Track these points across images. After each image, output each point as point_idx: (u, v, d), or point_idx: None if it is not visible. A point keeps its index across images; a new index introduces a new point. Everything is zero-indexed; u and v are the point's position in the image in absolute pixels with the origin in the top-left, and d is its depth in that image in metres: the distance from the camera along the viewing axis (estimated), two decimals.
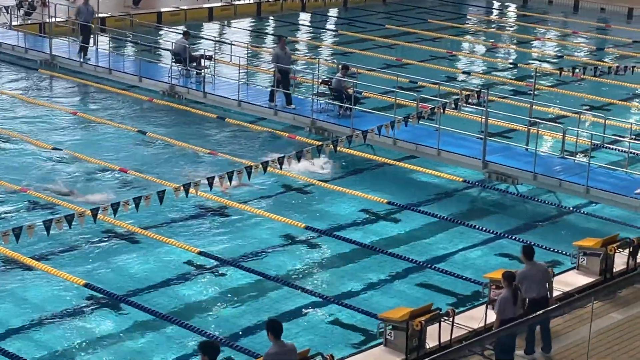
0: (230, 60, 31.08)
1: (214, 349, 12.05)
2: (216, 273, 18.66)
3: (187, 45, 29.55)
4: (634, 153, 23.94)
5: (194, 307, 17.34)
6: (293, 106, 26.96)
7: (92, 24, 32.21)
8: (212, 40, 34.15)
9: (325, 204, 22.21)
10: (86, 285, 17.77)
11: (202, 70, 29.64)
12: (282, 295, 17.78)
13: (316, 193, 22.77)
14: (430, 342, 14.90)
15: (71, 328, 16.50)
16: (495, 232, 20.69)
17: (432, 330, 14.98)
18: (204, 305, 17.45)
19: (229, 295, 17.81)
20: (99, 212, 17.47)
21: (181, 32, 31.72)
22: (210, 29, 40.76)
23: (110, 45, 32.13)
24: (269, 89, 27.58)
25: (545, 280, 15.20)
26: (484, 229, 20.83)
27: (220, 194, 21.63)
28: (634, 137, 25.42)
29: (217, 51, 31.26)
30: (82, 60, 31.84)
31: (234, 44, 31.83)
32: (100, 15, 35.56)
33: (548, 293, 15.12)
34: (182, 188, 18.46)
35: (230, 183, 19.32)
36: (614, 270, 17.68)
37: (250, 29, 41.93)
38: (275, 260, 19.28)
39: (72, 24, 34.72)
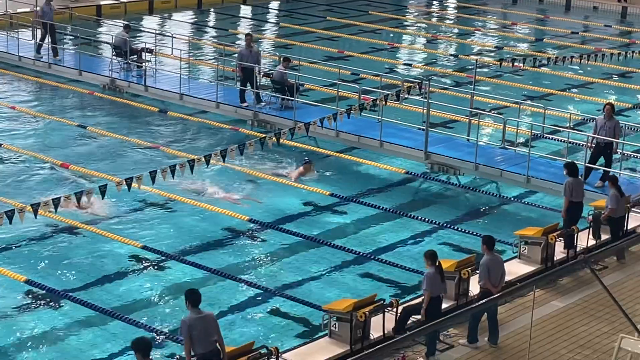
0: (172, 53, 30.91)
1: (145, 345, 12.20)
2: (160, 267, 18.57)
3: (127, 39, 29.34)
4: (573, 143, 24.23)
5: (138, 301, 17.25)
6: (263, 103, 26.55)
7: (52, 22, 31.53)
8: (153, 33, 33.94)
9: (268, 196, 22.18)
10: (27, 282, 17.60)
11: (143, 64, 29.46)
12: (227, 289, 17.75)
13: (259, 185, 22.75)
14: (375, 333, 14.97)
15: (12, 325, 16.32)
16: (437, 222, 20.84)
17: (376, 321, 15.06)
18: (148, 299, 17.37)
19: (173, 289, 17.72)
20: (40, 207, 17.28)
21: (121, 25, 31.46)
22: (150, 22, 40.47)
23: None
24: (239, 89, 26.84)
25: (503, 272, 15.49)
26: (427, 219, 20.97)
27: (163, 187, 21.44)
28: (573, 126, 25.75)
29: (158, 44, 31.09)
30: (50, 60, 31.06)
31: (175, 37, 31.65)
32: (38, 8, 35.07)
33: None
34: (124, 182, 18.32)
35: (174, 177, 19.18)
36: (555, 258, 17.90)
37: (191, 21, 41.73)
38: (219, 253, 19.24)
39: (10, 17, 34.30)
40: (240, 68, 26.42)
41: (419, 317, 15.01)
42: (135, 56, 29.74)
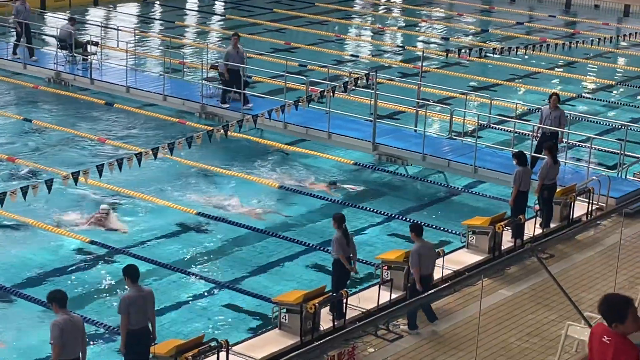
0: (117, 46, 30.70)
1: (60, 295, 12.56)
2: (108, 261, 18.45)
3: (72, 31, 29.08)
4: (519, 132, 24.44)
5: (86, 296, 17.12)
6: (250, 105, 25.55)
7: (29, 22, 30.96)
8: (98, 25, 33.68)
9: (217, 188, 22.14)
10: None
11: (89, 57, 29.21)
12: (176, 282, 17.69)
13: (206, 178, 22.68)
14: (325, 324, 15.02)
15: None
16: (386, 213, 20.92)
17: (326, 312, 15.10)
18: (97, 294, 17.25)
19: (122, 283, 17.56)
20: None
21: (66, 17, 31.15)
22: (95, 15, 40.13)
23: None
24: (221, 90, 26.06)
25: (434, 258, 15.72)
26: (375, 210, 21.03)
27: (111, 181, 21.29)
28: (519, 116, 25.97)
29: (103, 37, 30.85)
30: (24, 60, 30.24)
31: (120, 30, 31.43)
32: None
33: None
34: (70, 176, 18.18)
35: (121, 170, 19.03)
36: (502, 247, 18.06)
37: (136, 14, 41.45)
38: (168, 247, 19.16)
39: None
40: (226, 69, 25.74)
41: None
42: (81, 49, 29.49)
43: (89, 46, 29.57)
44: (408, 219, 20.51)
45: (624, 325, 8.17)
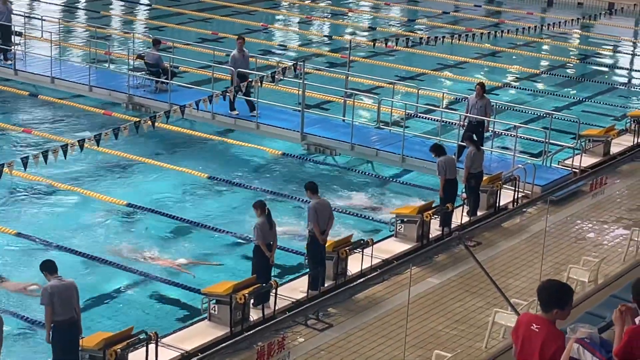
0: (42, 36, 30.27)
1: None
2: (35, 255, 18.20)
3: None
4: (446, 122, 24.65)
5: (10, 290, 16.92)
6: (256, 112, 24.37)
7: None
8: (22, 15, 33.18)
9: (145, 180, 21.99)
10: None
11: (12, 47, 28.75)
12: (104, 274, 17.54)
13: (136, 169, 22.53)
14: (254, 315, 15.02)
15: None
16: None
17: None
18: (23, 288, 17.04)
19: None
20: None
21: None
22: (19, 4, 39.50)
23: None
24: (228, 97, 23.94)
25: (330, 214, 16.29)
26: (304, 200, 21.05)
27: (36, 172, 21.02)
28: (445, 106, 26.18)
29: (27, 27, 30.41)
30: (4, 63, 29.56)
31: (44, 19, 31.00)
32: None
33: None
34: None
35: (46, 162, 18.75)
36: (430, 236, 18.21)
37: (61, 3, 40.90)
38: (96, 238, 18.98)
39: None
40: (232, 73, 24.52)
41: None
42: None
43: (12, 36, 29.09)
44: (337, 209, 20.58)
45: (563, 311, 8.31)
